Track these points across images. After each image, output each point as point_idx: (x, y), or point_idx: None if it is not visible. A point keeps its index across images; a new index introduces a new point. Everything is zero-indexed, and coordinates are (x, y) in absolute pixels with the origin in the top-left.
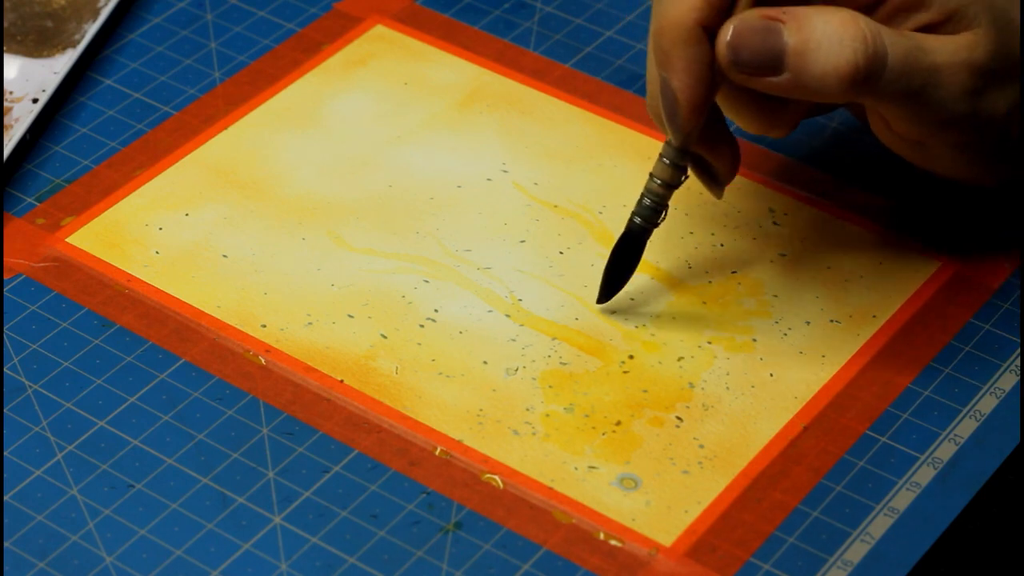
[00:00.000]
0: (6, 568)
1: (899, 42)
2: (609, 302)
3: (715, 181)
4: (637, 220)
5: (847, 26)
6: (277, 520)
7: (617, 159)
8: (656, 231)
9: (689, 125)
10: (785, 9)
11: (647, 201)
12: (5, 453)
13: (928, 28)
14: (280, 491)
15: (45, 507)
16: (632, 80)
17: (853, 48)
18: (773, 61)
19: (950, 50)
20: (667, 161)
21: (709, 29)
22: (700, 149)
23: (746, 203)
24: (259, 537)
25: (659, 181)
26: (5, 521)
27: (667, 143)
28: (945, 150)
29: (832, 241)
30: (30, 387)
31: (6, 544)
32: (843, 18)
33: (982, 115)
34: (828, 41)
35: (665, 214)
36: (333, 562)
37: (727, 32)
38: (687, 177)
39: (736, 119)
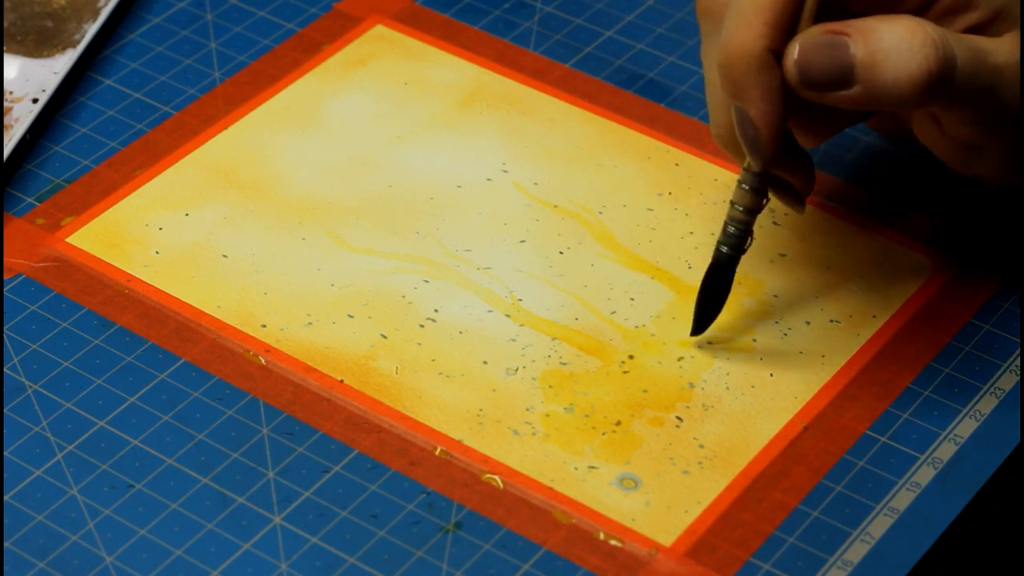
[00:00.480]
0: (6, 568)
1: (963, 44)
2: (609, 301)
3: (795, 198)
4: (724, 249)
5: (915, 33)
6: (277, 520)
7: (617, 159)
8: (656, 231)
9: (771, 151)
10: (848, 22)
11: (731, 229)
12: (5, 453)
13: (976, 28)
14: (280, 491)
15: (45, 507)
16: (632, 80)
17: (924, 54)
18: (843, 75)
19: (1007, 49)
20: (747, 187)
21: (776, 52)
22: (777, 170)
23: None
24: (259, 537)
25: (741, 208)
26: (5, 521)
27: (745, 169)
28: (998, 153)
29: (832, 241)
30: (30, 387)
31: (6, 544)
32: (909, 25)
33: None
34: (897, 50)
35: (751, 240)
36: (333, 562)
37: (794, 51)
38: (768, 200)
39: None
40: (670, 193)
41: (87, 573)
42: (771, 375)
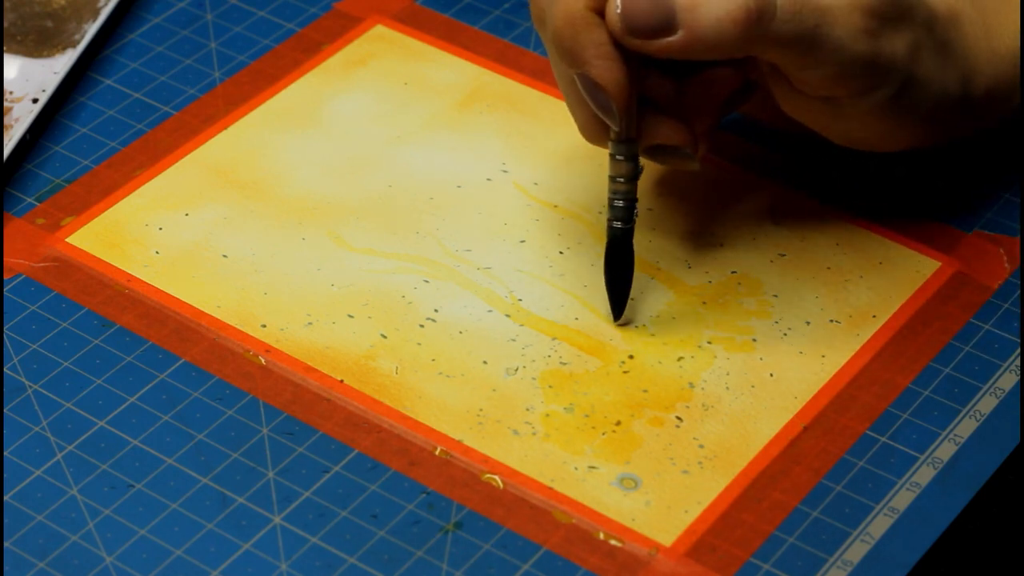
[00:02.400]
0: (6, 568)
1: None
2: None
3: (683, 157)
4: (616, 224)
5: None
6: (277, 520)
7: None
8: (656, 231)
9: (620, 106)
10: None
11: (618, 202)
12: (5, 453)
13: None
14: (280, 491)
15: (45, 507)
16: None
17: None
18: (665, 20)
19: None
20: (619, 157)
21: (599, 12)
22: (649, 139)
23: (746, 203)
24: (259, 537)
25: (620, 179)
26: (5, 521)
27: (612, 141)
28: (854, 105)
29: (832, 241)
30: (30, 387)
31: (6, 544)
32: None
33: (883, 57)
34: None
35: (636, 210)
36: (333, 562)
37: (615, 2)
38: (643, 167)
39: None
40: (670, 193)
41: (87, 573)
42: (771, 375)
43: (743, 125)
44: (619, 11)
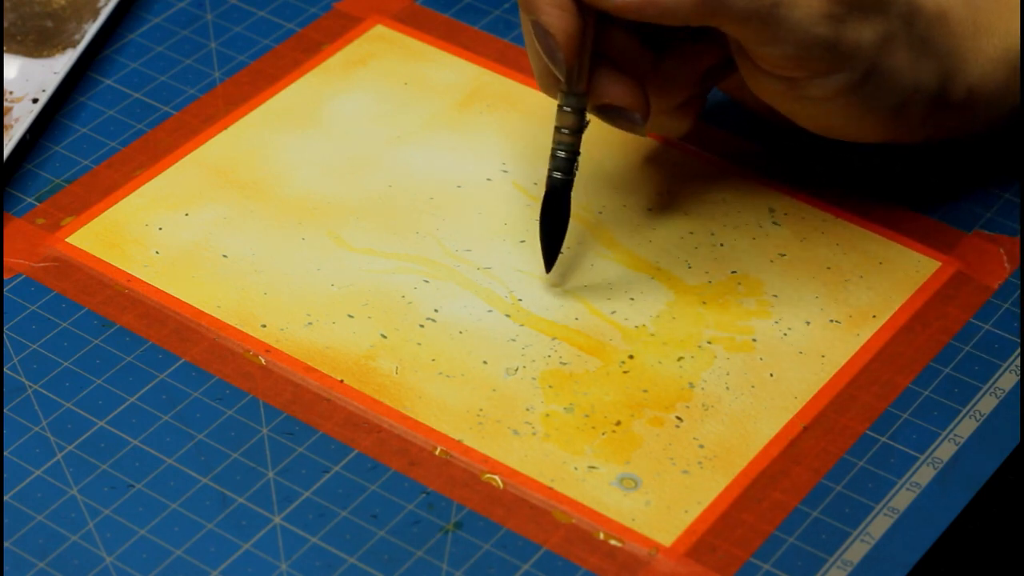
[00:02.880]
0: (6, 568)
1: None
2: (609, 301)
3: (631, 121)
4: (557, 175)
5: None
6: (277, 520)
7: (617, 159)
8: (656, 231)
9: (570, 56)
10: None
11: (560, 153)
12: (5, 453)
13: None
14: (280, 491)
15: (45, 507)
16: None
17: None
18: None
19: None
20: (567, 108)
21: None
22: (598, 96)
23: (746, 203)
24: (259, 537)
25: (565, 130)
26: (5, 521)
27: (561, 92)
28: (815, 86)
29: (832, 241)
30: (30, 387)
31: (6, 544)
32: None
33: (846, 43)
34: None
35: (577, 162)
36: (333, 562)
37: None
38: (588, 121)
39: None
40: (670, 193)
41: (87, 573)
42: (771, 375)
43: (743, 125)
44: None
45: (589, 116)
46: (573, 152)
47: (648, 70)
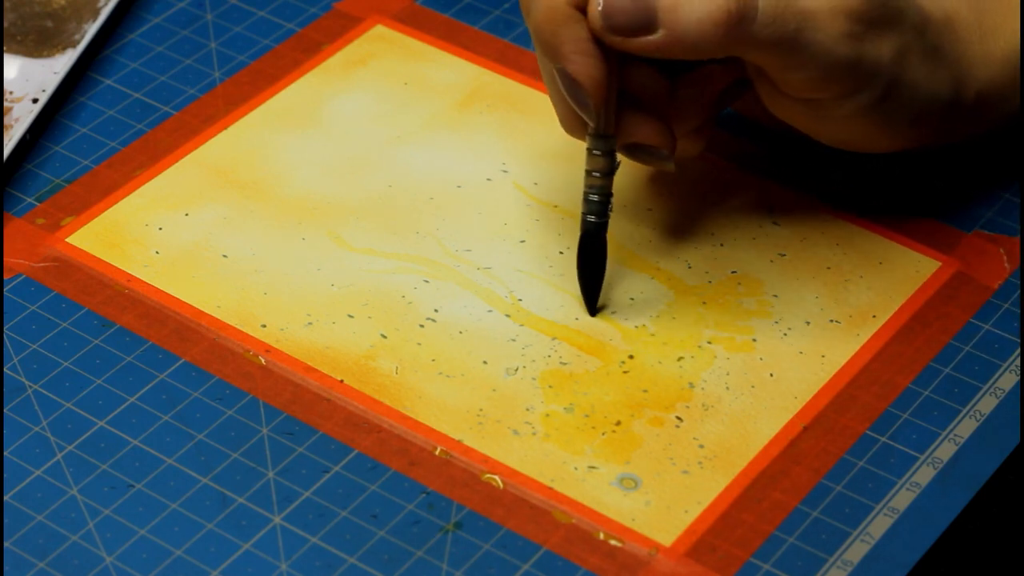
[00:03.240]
0: (6, 568)
1: None
2: (610, 302)
3: (659, 158)
4: (591, 219)
5: None
6: (277, 520)
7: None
8: (657, 231)
9: (597, 102)
10: None
11: (593, 196)
12: (5, 453)
13: None
14: (280, 491)
15: (45, 507)
16: None
17: None
18: (646, 19)
19: None
20: (596, 152)
21: (581, 8)
22: (626, 136)
23: (746, 203)
24: (259, 537)
25: (596, 173)
26: (5, 521)
27: (589, 135)
28: (838, 106)
29: (832, 241)
30: (30, 387)
31: (6, 544)
32: None
33: (867, 61)
34: None
35: (611, 204)
36: (333, 562)
37: (597, 0)
38: (619, 163)
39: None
40: (670, 193)
41: (87, 573)
42: (771, 375)
43: (743, 124)
44: (600, 8)
45: (619, 156)
46: (606, 195)
47: (665, 99)
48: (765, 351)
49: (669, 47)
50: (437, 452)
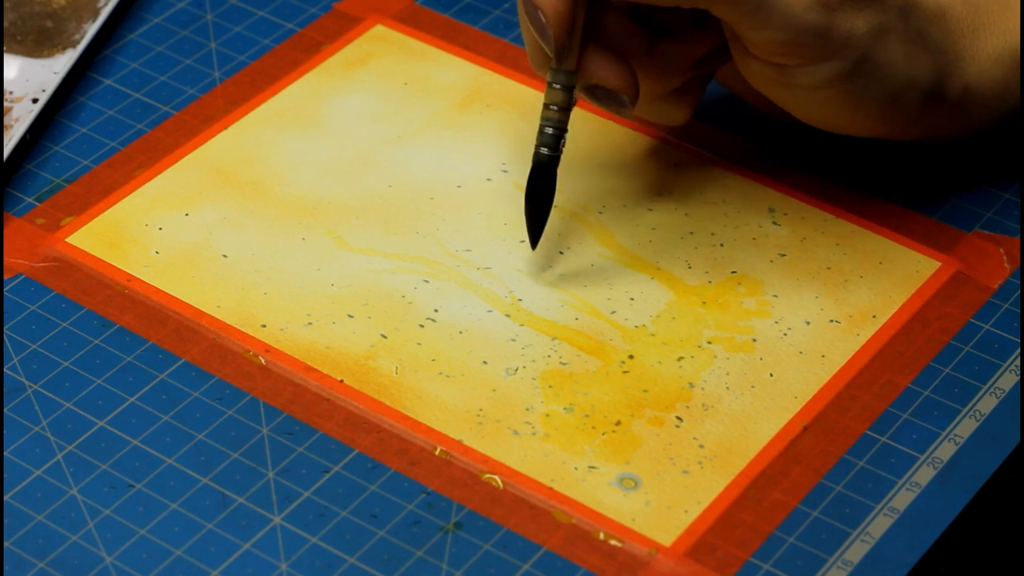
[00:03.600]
0: (6, 568)
1: None
2: (609, 301)
3: (618, 102)
4: (544, 151)
5: None
6: (277, 520)
7: (617, 159)
8: (656, 231)
9: (559, 33)
10: None
11: (548, 129)
12: (5, 453)
13: None
14: (280, 491)
15: (45, 507)
16: None
17: None
18: None
19: None
20: (556, 86)
21: None
22: (587, 76)
23: (746, 203)
24: (259, 537)
25: (553, 107)
26: (5, 521)
27: (552, 69)
28: (806, 75)
29: (832, 241)
30: (30, 387)
31: (6, 544)
32: None
33: (838, 31)
34: None
35: (564, 140)
36: (333, 562)
37: None
38: (575, 100)
39: (640, 108)
40: (670, 193)
41: (87, 573)
42: (771, 375)
43: (743, 125)
44: None
45: (579, 96)
46: (561, 129)
47: (643, 53)
48: (765, 351)
49: None
50: (437, 452)
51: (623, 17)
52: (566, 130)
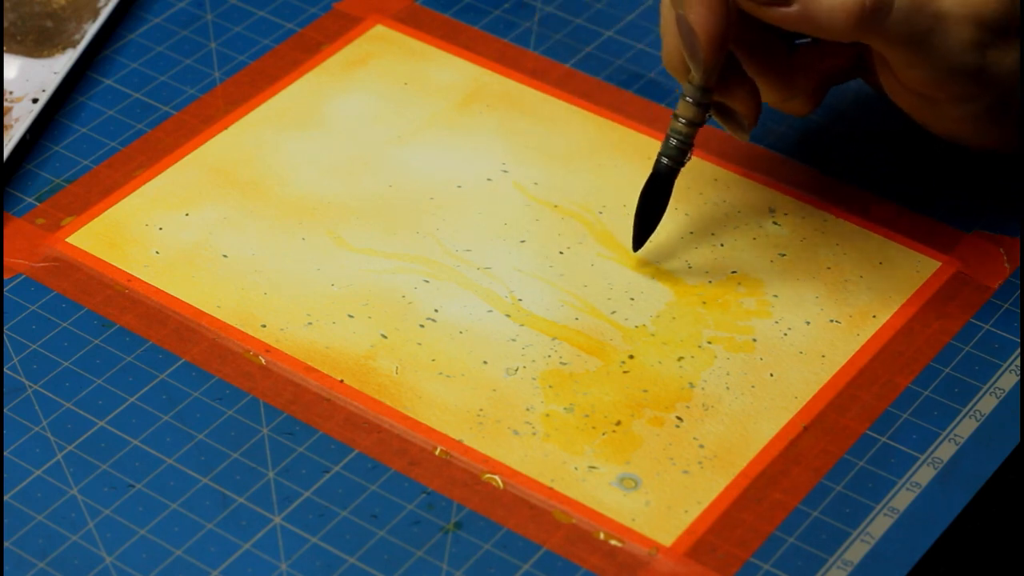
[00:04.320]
0: (6, 568)
1: None
2: (609, 301)
3: (739, 125)
4: (664, 160)
5: None
6: (277, 520)
7: (617, 159)
8: (657, 231)
9: (709, 58)
10: None
11: (673, 141)
12: (5, 453)
13: None
14: (280, 491)
15: (45, 507)
16: (632, 80)
17: None
18: None
19: (958, 1)
20: (690, 100)
21: None
22: (721, 95)
23: (746, 203)
24: (259, 537)
25: (683, 120)
26: (5, 521)
27: (688, 82)
28: (953, 107)
29: (832, 241)
30: (30, 387)
31: (6, 544)
32: None
33: (989, 69)
34: None
35: (691, 154)
36: (333, 562)
37: None
38: (710, 116)
39: (762, 92)
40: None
41: (87, 573)
42: (771, 375)
43: None
44: None
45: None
46: (687, 144)
47: (780, 62)
48: (765, 351)
49: (799, 23)
50: (437, 452)
51: (764, 27)
52: (692, 145)
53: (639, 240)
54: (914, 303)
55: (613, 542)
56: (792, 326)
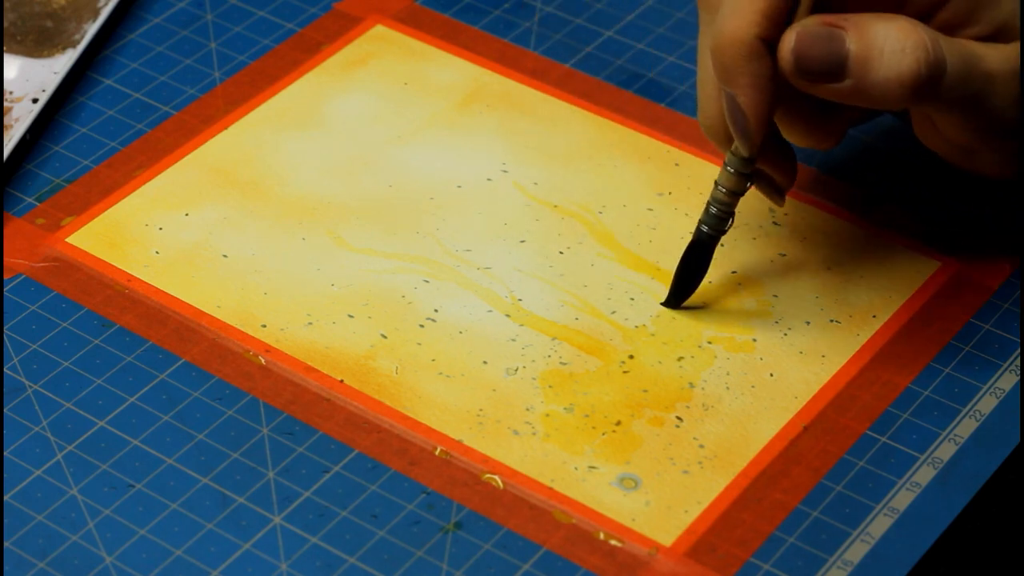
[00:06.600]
0: (6, 568)
1: (957, 49)
2: (609, 301)
3: (776, 190)
4: (704, 228)
5: (908, 34)
6: (277, 520)
7: (617, 159)
8: (656, 231)
9: (759, 138)
10: (845, 16)
11: (713, 209)
12: (5, 453)
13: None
14: (280, 491)
15: (45, 507)
16: (632, 80)
17: (915, 56)
18: (836, 67)
19: (1001, 57)
20: (732, 170)
21: (768, 41)
22: (762, 162)
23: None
24: (259, 537)
25: (724, 189)
26: (5, 521)
27: (732, 152)
28: (994, 156)
29: (832, 241)
30: (30, 387)
31: (6, 544)
32: (903, 25)
33: None
34: (890, 48)
35: (732, 221)
36: (333, 562)
37: (790, 40)
38: (751, 184)
39: (787, 133)
40: (670, 193)
41: (87, 573)
42: (771, 375)
43: None
44: (792, 52)
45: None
46: (727, 213)
47: (813, 117)
48: (765, 351)
49: (853, 97)
50: (437, 452)
51: (805, 95)
52: (733, 214)
53: (675, 300)
54: (914, 303)
55: (613, 542)
56: (792, 326)
